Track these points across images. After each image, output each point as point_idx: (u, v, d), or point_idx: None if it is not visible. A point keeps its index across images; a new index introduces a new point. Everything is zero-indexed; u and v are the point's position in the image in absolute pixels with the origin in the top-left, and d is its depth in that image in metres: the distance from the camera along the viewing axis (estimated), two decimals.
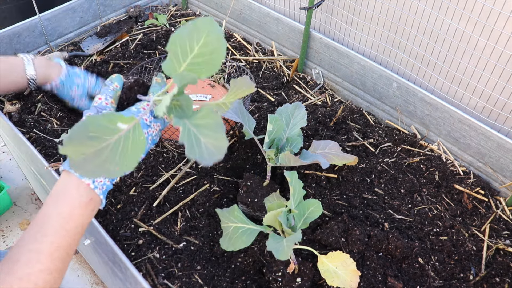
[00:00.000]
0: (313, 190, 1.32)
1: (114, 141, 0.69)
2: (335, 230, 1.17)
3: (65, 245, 0.75)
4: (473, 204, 1.34)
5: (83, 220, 0.78)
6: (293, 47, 1.83)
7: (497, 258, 1.21)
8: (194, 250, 1.16)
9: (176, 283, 1.09)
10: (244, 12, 1.93)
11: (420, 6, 1.38)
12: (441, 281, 1.14)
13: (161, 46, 1.88)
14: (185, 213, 1.26)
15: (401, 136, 1.54)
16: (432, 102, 1.46)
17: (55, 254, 0.74)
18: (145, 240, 1.18)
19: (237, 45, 1.95)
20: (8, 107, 1.51)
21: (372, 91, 1.63)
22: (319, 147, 1.33)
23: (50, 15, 1.80)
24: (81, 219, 0.78)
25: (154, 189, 1.30)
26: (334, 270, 1.01)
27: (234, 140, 1.47)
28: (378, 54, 1.61)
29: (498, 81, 1.31)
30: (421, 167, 1.44)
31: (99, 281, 1.73)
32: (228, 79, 1.74)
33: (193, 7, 2.19)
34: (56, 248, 0.74)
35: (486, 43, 1.27)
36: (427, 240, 1.23)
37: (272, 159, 1.22)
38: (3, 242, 1.84)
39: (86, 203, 0.78)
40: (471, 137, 1.40)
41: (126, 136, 0.70)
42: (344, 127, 1.56)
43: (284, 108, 1.30)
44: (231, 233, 1.04)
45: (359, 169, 1.40)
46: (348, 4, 1.58)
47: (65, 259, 0.76)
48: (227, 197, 1.32)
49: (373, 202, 1.32)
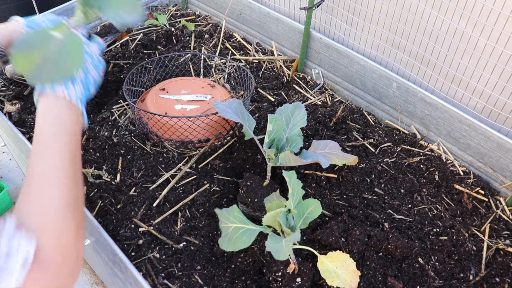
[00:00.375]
0: (313, 190, 1.32)
1: (56, 45, 0.82)
2: (335, 230, 1.17)
3: (67, 150, 0.80)
4: (473, 204, 1.34)
5: (72, 126, 0.84)
6: (293, 47, 1.83)
7: (497, 258, 1.21)
8: (194, 250, 1.16)
9: (176, 283, 1.09)
10: (244, 12, 1.93)
11: (420, 6, 1.38)
12: (441, 281, 1.14)
13: (161, 46, 1.88)
14: (185, 213, 1.26)
15: (401, 136, 1.54)
16: (432, 102, 1.46)
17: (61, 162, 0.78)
18: (145, 240, 1.18)
19: (237, 45, 1.95)
20: (8, 107, 1.52)
21: (372, 91, 1.63)
22: (319, 147, 1.33)
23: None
24: (69, 124, 0.83)
25: (154, 189, 1.30)
26: (334, 270, 1.01)
27: (234, 140, 1.47)
28: (378, 54, 1.61)
29: (498, 81, 1.31)
30: (421, 167, 1.44)
31: (99, 281, 1.73)
32: (228, 79, 1.74)
33: (193, 7, 2.19)
34: (61, 157, 0.78)
35: (486, 43, 1.27)
36: (427, 240, 1.23)
37: (272, 159, 1.22)
38: None
39: (70, 108, 0.84)
40: (471, 137, 1.40)
41: (65, 40, 0.83)
42: (344, 127, 1.56)
43: (284, 108, 1.30)
44: (231, 233, 1.03)
45: (359, 169, 1.40)
46: (348, 4, 1.58)
47: (73, 160, 0.80)
48: (227, 197, 1.32)
49: (373, 202, 1.32)
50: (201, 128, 1.39)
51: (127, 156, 1.39)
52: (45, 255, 0.67)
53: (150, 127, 1.43)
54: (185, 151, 1.43)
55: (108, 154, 1.39)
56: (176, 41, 1.92)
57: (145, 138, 1.45)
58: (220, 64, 1.80)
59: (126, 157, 1.38)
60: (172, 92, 1.55)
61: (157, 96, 1.52)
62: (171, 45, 1.90)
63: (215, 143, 1.45)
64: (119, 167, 1.35)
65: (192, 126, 1.38)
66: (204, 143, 1.43)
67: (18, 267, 0.62)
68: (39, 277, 0.65)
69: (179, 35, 1.93)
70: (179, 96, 1.53)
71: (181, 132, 1.38)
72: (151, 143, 1.44)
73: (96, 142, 1.41)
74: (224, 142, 1.47)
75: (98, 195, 1.28)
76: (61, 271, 0.69)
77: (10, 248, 0.63)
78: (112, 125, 1.49)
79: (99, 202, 1.26)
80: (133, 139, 1.44)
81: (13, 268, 0.62)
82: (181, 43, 1.90)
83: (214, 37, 1.96)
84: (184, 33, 1.95)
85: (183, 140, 1.41)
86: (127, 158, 1.38)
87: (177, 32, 1.93)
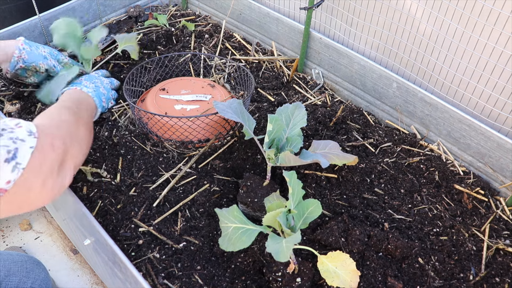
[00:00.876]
0: (313, 190, 1.32)
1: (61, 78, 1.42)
2: (335, 230, 1.17)
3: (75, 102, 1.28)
4: (473, 204, 1.34)
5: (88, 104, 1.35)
6: (293, 47, 1.83)
7: (497, 258, 1.21)
8: (194, 250, 1.16)
9: (176, 283, 1.09)
10: (244, 12, 1.93)
11: (420, 6, 1.38)
12: (441, 281, 1.14)
13: (161, 46, 1.88)
14: (185, 213, 1.26)
15: (401, 136, 1.54)
16: (432, 102, 1.46)
17: None
18: (145, 240, 1.18)
19: (237, 45, 1.95)
20: (8, 107, 1.51)
21: (372, 91, 1.63)
22: (319, 147, 1.33)
23: (50, 15, 1.80)
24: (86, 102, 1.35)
25: (154, 189, 1.30)
26: (334, 270, 1.01)
27: (234, 140, 1.47)
28: (378, 54, 1.61)
29: (498, 81, 1.31)
30: (421, 167, 1.44)
31: (99, 281, 1.73)
32: (228, 79, 1.74)
33: (193, 7, 2.19)
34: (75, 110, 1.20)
35: (486, 43, 1.27)
36: (427, 240, 1.23)
37: (272, 159, 1.22)
38: (3, 242, 1.84)
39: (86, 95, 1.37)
40: (471, 137, 1.40)
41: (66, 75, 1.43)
42: (344, 127, 1.56)
43: (284, 108, 1.30)
44: (230, 233, 1.03)
45: (359, 169, 1.40)
46: (348, 4, 1.58)
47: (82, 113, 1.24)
48: (227, 197, 1.32)
49: (373, 202, 1.32)
50: (201, 128, 1.39)
51: (127, 156, 1.39)
52: (49, 128, 0.99)
53: (150, 127, 1.43)
54: (185, 151, 1.43)
55: (108, 154, 1.39)
56: (176, 41, 1.92)
57: (145, 138, 1.45)
58: (220, 64, 1.80)
59: (126, 157, 1.38)
60: (172, 92, 1.55)
61: (157, 96, 1.52)
62: (171, 45, 1.90)
63: (215, 143, 1.45)
64: (119, 167, 1.35)
65: (192, 126, 1.38)
66: (204, 143, 1.43)
67: (26, 133, 0.87)
68: None
69: (179, 35, 1.93)
70: (179, 96, 1.53)
71: (181, 132, 1.38)
72: (151, 143, 1.44)
73: (96, 142, 1.41)
74: (224, 142, 1.47)
75: (98, 195, 1.28)
76: None
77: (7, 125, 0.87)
78: (112, 125, 1.49)
79: (99, 202, 1.26)
80: (133, 139, 1.44)
81: (22, 133, 0.87)
82: (181, 43, 1.90)
83: (214, 37, 1.96)
84: (184, 33, 1.95)
85: (183, 140, 1.41)
86: (127, 158, 1.38)
87: (177, 32, 1.93)
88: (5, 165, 0.80)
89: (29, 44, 1.45)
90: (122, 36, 1.69)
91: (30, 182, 0.86)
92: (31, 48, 1.45)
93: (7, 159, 0.80)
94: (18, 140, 0.84)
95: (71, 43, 1.50)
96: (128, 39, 1.69)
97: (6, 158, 0.80)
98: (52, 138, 0.94)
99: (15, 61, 1.42)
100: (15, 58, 1.41)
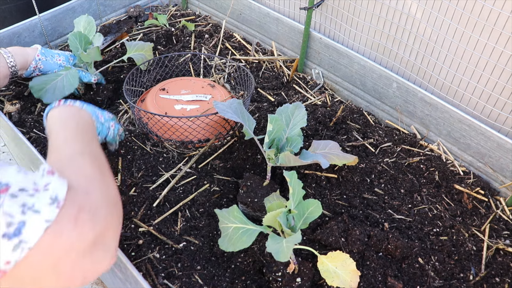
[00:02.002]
0: (313, 190, 1.32)
1: (59, 79, 1.47)
2: (335, 230, 1.17)
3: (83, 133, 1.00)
4: (473, 204, 1.34)
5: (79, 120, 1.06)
6: (293, 47, 1.83)
7: (497, 258, 1.21)
8: (194, 250, 1.16)
9: (176, 283, 1.09)
10: (244, 12, 1.93)
11: (420, 6, 1.38)
12: (441, 281, 1.14)
13: (161, 46, 1.88)
14: (185, 213, 1.26)
15: (401, 136, 1.54)
16: (432, 102, 1.46)
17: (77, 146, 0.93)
18: (145, 240, 1.18)
19: (237, 45, 1.95)
20: (8, 107, 1.51)
21: (372, 91, 1.63)
22: (319, 147, 1.33)
23: (50, 15, 1.80)
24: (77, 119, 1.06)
25: (154, 189, 1.30)
26: (334, 270, 1.01)
27: (234, 140, 1.47)
28: (378, 54, 1.61)
29: (498, 81, 1.30)
30: (421, 167, 1.44)
31: (99, 281, 1.73)
32: (228, 79, 1.74)
33: (193, 7, 2.19)
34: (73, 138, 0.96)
35: (486, 43, 1.27)
36: (427, 240, 1.23)
37: (272, 159, 1.22)
38: None
39: (78, 109, 1.11)
40: (471, 137, 1.40)
41: (64, 76, 1.48)
42: (344, 127, 1.56)
43: (284, 108, 1.30)
44: (231, 233, 1.03)
45: (359, 169, 1.40)
46: (348, 4, 1.58)
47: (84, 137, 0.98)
48: (227, 197, 1.32)
49: (373, 202, 1.32)
50: (201, 128, 1.39)
51: (127, 156, 1.39)
52: (77, 195, 0.71)
53: (150, 127, 1.43)
54: (185, 151, 1.43)
55: (108, 154, 1.39)
56: (176, 41, 1.92)
57: (145, 138, 1.45)
58: (220, 64, 1.80)
59: (126, 157, 1.38)
60: (172, 92, 1.55)
61: (157, 96, 1.52)
62: (171, 45, 1.90)
63: (215, 143, 1.45)
64: (119, 167, 1.35)
65: (192, 126, 1.38)
66: (204, 143, 1.43)
67: (47, 201, 0.65)
68: (73, 215, 0.67)
69: (179, 35, 1.93)
70: (179, 96, 1.53)
71: (181, 132, 1.38)
72: (151, 143, 1.44)
73: None
74: (224, 142, 1.47)
75: None
76: (96, 214, 0.71)
77: (38, 184, 0.66)
78: None
79: None
80: (133, 139, 1.44)
81: (42, 201, 0.64)
82: (181, 43, 1.90)
83: (214, 37, 1.96)
84: (184, 33, 1.95)
85: (183, 140, 1.41)
86: (127, 158, 1.38)
87: (177, 32, 1.93)
88: (4, 242, 0.59)
89: (45, 54, 1.48)
90: (134, 44, 1.61)
91: (39, 265, 0.64)
92: (46, 58, 1.48)
93: (6, 234, 0.59)
94: (31, 210, 0.62)
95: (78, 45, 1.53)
96: (140, 47, 1.61)
97: (5, 233, 0.59)
98: (79, 209, 0.69)
99: (32, 70, 1.46)
100: (31, 68, 1.45)
